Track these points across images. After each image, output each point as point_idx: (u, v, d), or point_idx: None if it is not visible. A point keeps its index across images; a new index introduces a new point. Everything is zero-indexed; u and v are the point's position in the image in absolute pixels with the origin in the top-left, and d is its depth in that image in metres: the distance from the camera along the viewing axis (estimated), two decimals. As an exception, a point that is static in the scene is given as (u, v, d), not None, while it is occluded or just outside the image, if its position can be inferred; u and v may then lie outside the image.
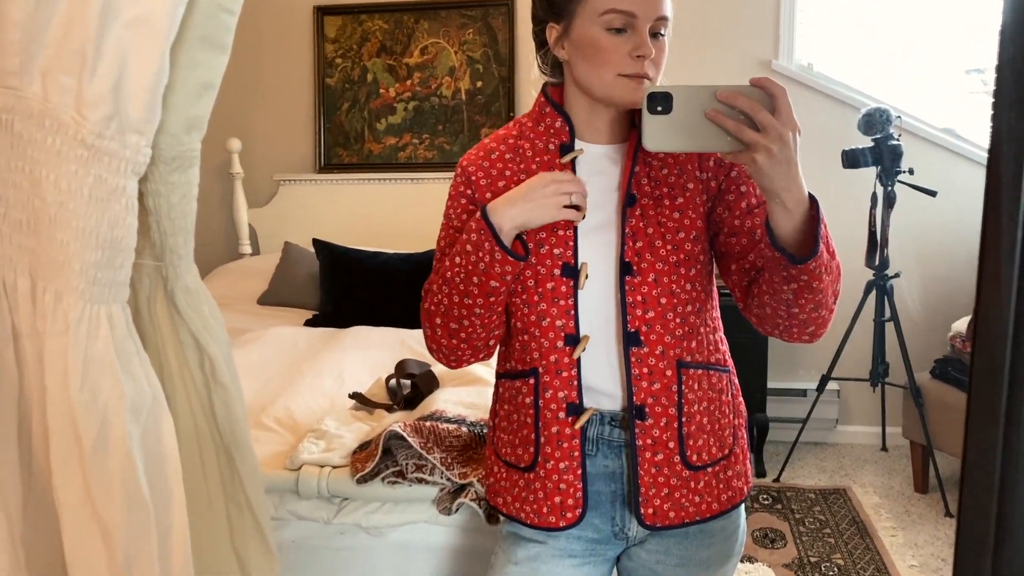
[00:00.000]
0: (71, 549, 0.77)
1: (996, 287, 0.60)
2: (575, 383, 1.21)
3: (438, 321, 1.25)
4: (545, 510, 1.24)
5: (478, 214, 1.16)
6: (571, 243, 1.20)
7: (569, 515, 1.23)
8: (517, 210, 1.14)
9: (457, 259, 1.19)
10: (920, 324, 3.54)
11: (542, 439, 1.23)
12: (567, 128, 1.23)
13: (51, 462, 0.76)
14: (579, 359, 1.20)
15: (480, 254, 1.15)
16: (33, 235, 0.76)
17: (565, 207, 1.14)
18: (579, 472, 1.22)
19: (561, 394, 1.21)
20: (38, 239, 0.75)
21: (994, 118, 0.59)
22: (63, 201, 0.73)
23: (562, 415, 1.22)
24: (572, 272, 1.20)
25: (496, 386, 1.35)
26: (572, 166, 1.23)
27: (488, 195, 1.24)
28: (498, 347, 1.33)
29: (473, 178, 1.26)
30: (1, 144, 0.74)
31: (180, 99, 0.78)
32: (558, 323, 1.20)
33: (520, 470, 1.27)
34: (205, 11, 0.76)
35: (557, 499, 1.23)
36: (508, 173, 1.25)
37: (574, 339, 1.20)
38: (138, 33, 0.71)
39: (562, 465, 1.22)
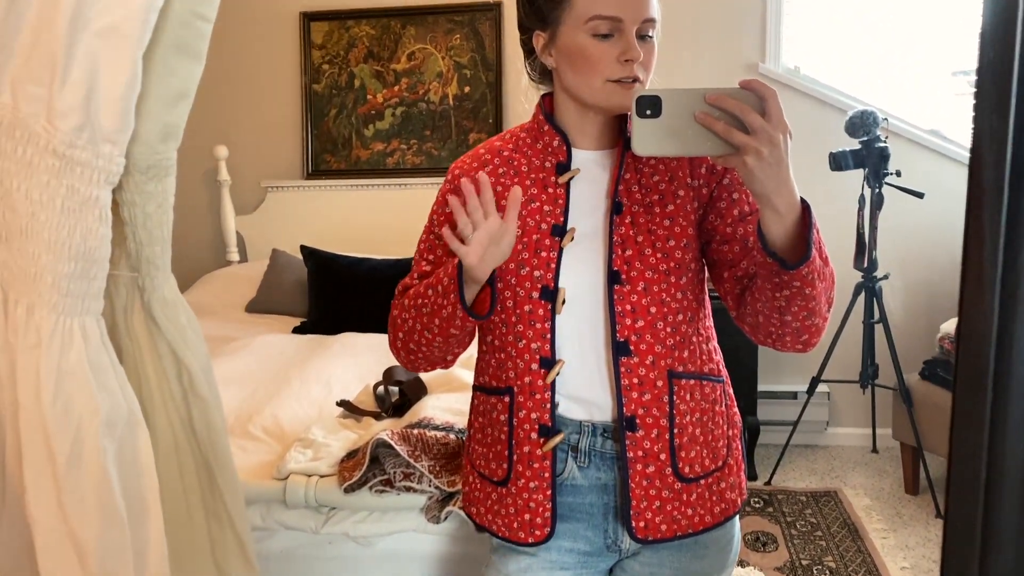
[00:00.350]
0: (45, 567, 0.75)
1: (979, 290, 0.60)
2: (548, 406, 1.20)
3: (400, 336, 1.26)
4: (515, 525, 1.24)
5: (456, 259, 1.13)
6: (552, 266, 1.18)
7: (538, 532, 1.22)
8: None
9: (430, 293, 1.18)
10: (909, 325, 3.55)
11: (515, 457, 1.23)
12: (564, 147, 1.22)
13: (24, 478, 0.75)
14: (554, 382, 1.20)
15: (444, 302, 1.15)
16: (4, 247, 0.74)
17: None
18: (548, 492, 1.21)
19: (534, 415, 1.21)
20: (9, 251, 0.74)
21: (975, 120, 0.59)
22: (35, 212, 0.72)
23: (534, 435, 1.21)
24: (550, 295, 1.18)
25: (472, 397, 1.34)
26: (567, 184, 1.22)
27: None
28: (477, 357, 1.32)
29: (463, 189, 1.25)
30: (-29, 155, 0.73)
31: (154, 107, 0.77)
32: (534, 345, 1.19)
33: (493, 483, 1.27)
34: (179, 18, 0.75)
35: (527, 516, 1.23)
36: (499, 188, 1.23)
37: (549, 362, 1.19)
38: (109, 41, 0.70)
39: (532, 484, 1.22)
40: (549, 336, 1.19)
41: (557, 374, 1.19)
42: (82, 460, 0.75)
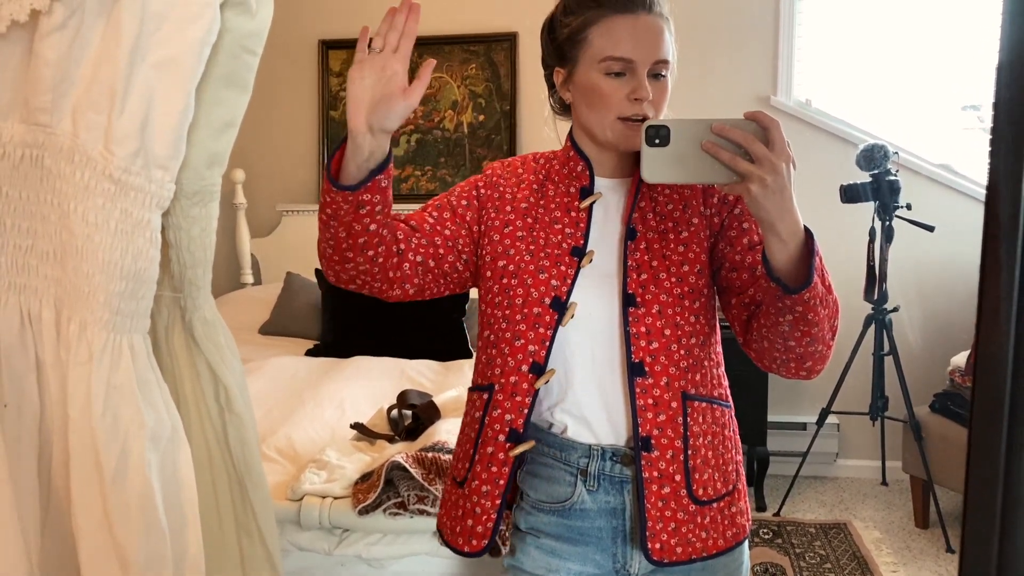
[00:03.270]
0: (88, 573, 0.77)
1: (995, 323, 0.62)
2: (525, 411, 1.21)
3: (328, 230, 1.15)
4: (458, 529, 1.24)
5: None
6: (569, 280, 1.21)
7: (475, 542, 1.22)
8: (354, 107, 1.03)
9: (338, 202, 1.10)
10: (919, 358, 3.55)
11: (476, 456, 1.23)
12: (588, 173, 1.25)
13: (71, 488, 0.77)
14: (537, 391, 1.21)
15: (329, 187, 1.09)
16: (59, 266, 0.78)
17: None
18: (497, 501, 1.21)
19: (508, 416, 1.21)
20: (64, 270, 0.77)
21: (991, 155, 0.61)
22: (90, 234, 0.75)
23: (501, 438, 1.21)
24: (560, 306, 1.21)
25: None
26: (589, 208, 1.25)
27: (508, 207, 1.27)
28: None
29: (500, 186, 1.28)
30: (31, 179, 0.76)
31: (203, 136, 0.81)
32: (530, 348, 1.21)
33: (456, 483, 1.28)
34: (229, 52, 0.79)
35: (469, 522, 1.23)
36: (524, 206, 1.27)
37: (539, 368, 1.21)
38: (165, 73, 0.74)
39: (484, 488, 1.22)
40: (547, 344, 1.20)
41: (546, 382, 1.20)
42: (128, 472, 0.77)
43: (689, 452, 1.21)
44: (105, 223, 0.75)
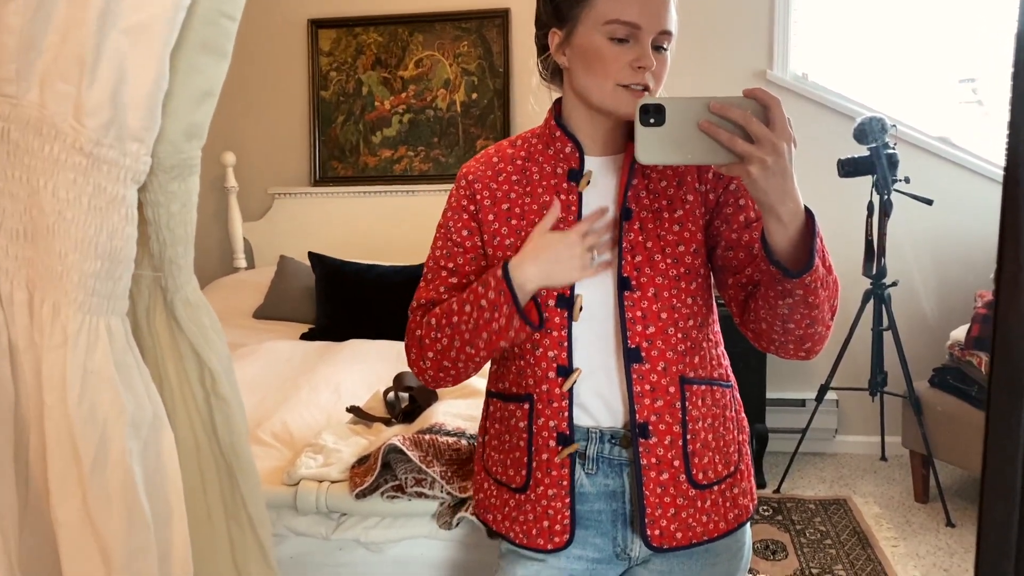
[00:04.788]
0: (69, 568, 0.75)
1: (1015, 291, 0.59)
2: (565, 414, 1.20)
3: (430, 355, 1.23)
4: (534, 532, 1.23)
5: (499, 271, 1.13)
6: None
7: (557, 539, 1.22)
8: (539, 269, 1.12)
9: (468, 308, 1.16)
10: (918, 333, 3.54)
11: (534, 464, 1.23)
12: (577, 154, 1.21)
13: (49, 478, 0.74)
14: (571, 390, 1.19)
15: (496, 315, 1.13)
16: (31, 246, 0.74)
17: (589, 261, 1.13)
18: (567, 500, 1.21)
19: (552, 423, 1.21)
20: (36, 250, 0.74)
21: (1012, 121, 0.58)
22: (61, 211, 0.72)
23: (552, 443, 1.21)
24: (566, 302, 1.18)
25: (487, 403, 1.33)
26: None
27: (491, 216, 1.23)
28: (492, 365, 1.31)
29: (478, 196, 1.24)
30: (-2, 153, 0.73)
31: (180, 106, 0.77)
32: (551, 353, 1.19)
33: (511, 490, 1.26)
34: (205, 17, 0.75)
35: (545, 523, 1.23)
36: (513, 196, 1.23)
37: (566, 370, 1.19)
38: (137, 39, 0.70)
39: (551, 492, 1.22)
40: (566, 344, 1.18)
41: (574, 382, 1.19)
42: (108, 461, 0.74)
43: (688, 437, 1.19)
44: (77, 199, 0.72)
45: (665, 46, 1.15)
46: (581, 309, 1.18)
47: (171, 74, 0.75)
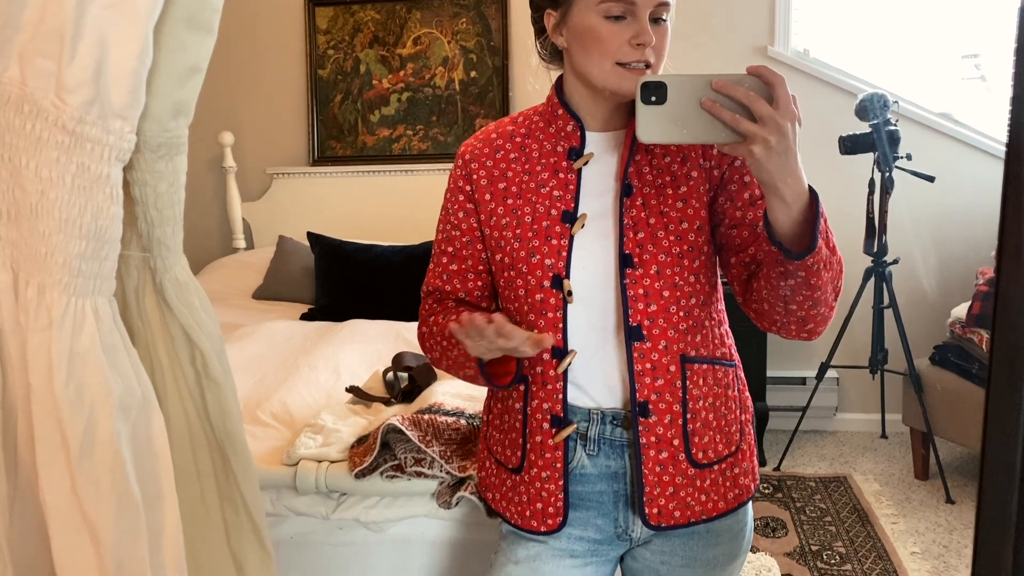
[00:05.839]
0: (59, 552, 0.74)
1: (1017, 266, 0.58)
2: (559, 396, 1.19)
3: (430, 356, 1.31)
4: (528, 513, 1.24)
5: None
6: (563, 254, 1.16)
7: (550, 521, 1.22)
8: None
9: (448, 345, 1.23)
10: (919, 310, 3.53)
11: (528, 445, 1.22)
12: (578, 132, 1.19)
13: (37, 462, 0.73)
14: (566, 372, 1.18)
15: (467, 364, 1.19)
16: (14, 226, 0.73)
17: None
18: (560, 483, 1.21)
19: (546, 405, 1.20)
20: (19, 230, 0.72)
21: (1015, 94, 0.57)
22: (44, 190, 0.70)
23: (546, 426, 1.20)
24: (562, 284, 1.17)
25: None
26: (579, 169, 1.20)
27: (487, 196, 1.21)
28: None
29: (474, 176, 1.23)
30: (-23, 132, 0.71)
31: (165, 83, 0.75)
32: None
33: (508, 470, 1.26)
34: (190, -9, 0.74)
35: (538, 505, 1.22)
36: (510, 174, 1.22)
37: (561, 352, 1.18)
38: (118, 14, 0.68)
39: (544, 474, 1.21)
40: (561, 326, 1.17)
41: (568, 364, 1.18)
42: (96, 444, 0.73)
43: (688, 416, 1.18)
44: (60, 178, 0.70)
45: (664, 17, 1.12)
46: (570, 293, 1.17)
47: (155, 50, 0.73)
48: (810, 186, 1.00)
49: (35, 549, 0.80)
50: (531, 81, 1.34)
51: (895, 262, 3.14)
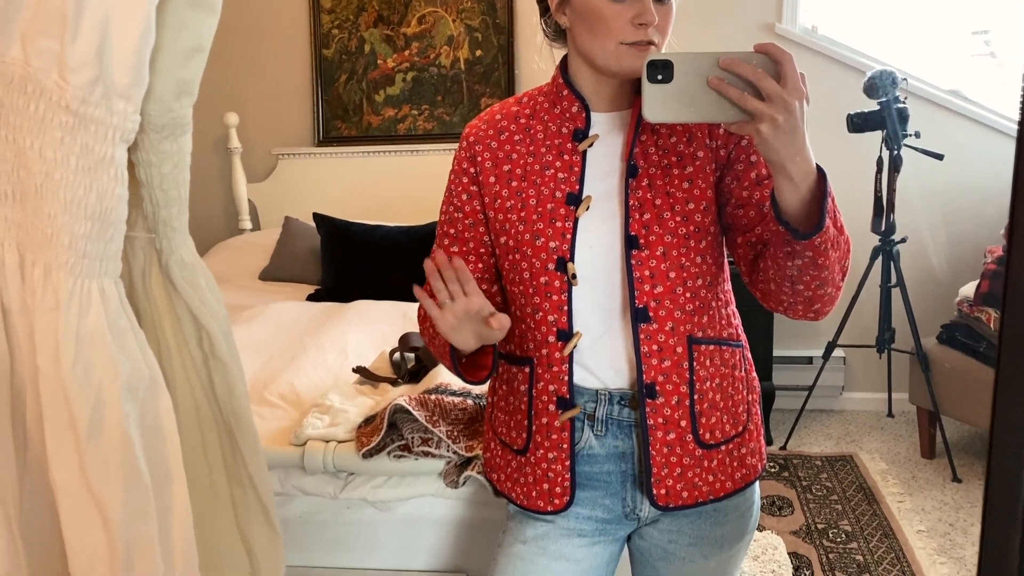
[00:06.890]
0: (69, 532, 0.75)
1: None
2: (565, 378, 1.19)
3: (425, 338, 1.33)
4: (534, 494, 1.24)
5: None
6: (568, 236, 1.15)
7: (557, 501, 1.22)
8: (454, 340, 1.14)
9: (433, 330, 1.25)
10: (926, 289, 3.52)
11: (534, 427, 1.22)
12: (583, 114, 1.18)
13: (46, 443, 0.74)
14: (572, 354, 1.18)
15: (444, 359, 1.22)
16: (19, 207, 0.73)
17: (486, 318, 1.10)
18: (567, 463, 1.21)
19: (552, 387, 1.20)
20: (25, 211, 0.72)
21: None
22: (49, 171, 0.70)
23: (552, 407, 1.20)
24: (567, 267, 1.17)
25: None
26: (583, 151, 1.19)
27: (492, 178, 1.21)
28: None
29: (479, 157, 1.22)
30: (-19, 113, 0.71)
31: (168, 63, 0.75)
32: (550, 318, 1.18)
33: (514, 451, 1.27)
34: (192, -31, 0.73)
35: (545, 486, 1.23)
36: (515, 156, 1.21)
37: (566, 334, 1.18)
38: (121, -7, 0.68)
39: (551, 455, 1.22)
40: (566, 308, 1.17)
41: (574, 347, 1.18)
42: (104, 425, 0.74)
43: (695, 397, 1.18)
44: (65, 159, 0.70)
45: None
46: (574, 276, 1.16)
47: (158, 30, 0.73)
48: (818, 165, 0.99)
49: (45, 528, 0.80)
50: (537, 60, 1.33)
51: (903, 241, 3.13)
